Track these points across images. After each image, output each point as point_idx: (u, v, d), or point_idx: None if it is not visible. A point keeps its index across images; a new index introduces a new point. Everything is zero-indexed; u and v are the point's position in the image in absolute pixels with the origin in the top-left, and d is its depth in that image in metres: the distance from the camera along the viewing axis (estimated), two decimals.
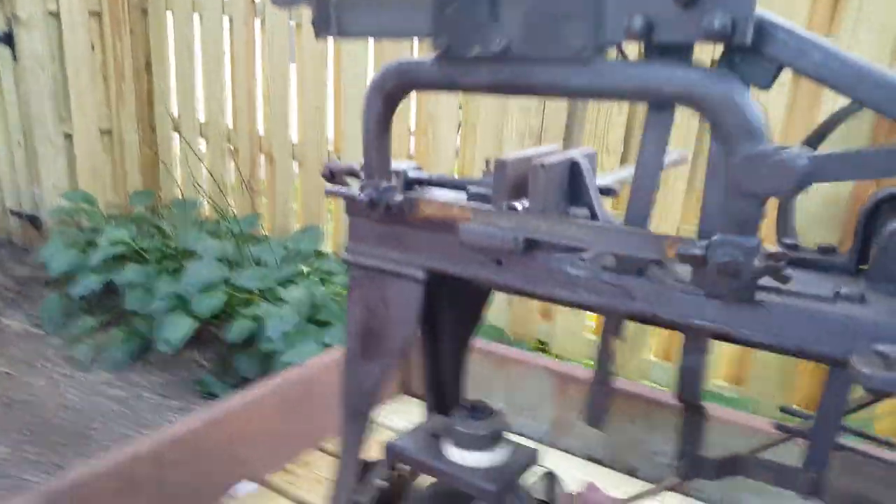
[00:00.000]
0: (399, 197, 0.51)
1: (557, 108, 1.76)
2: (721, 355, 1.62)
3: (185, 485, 0.93)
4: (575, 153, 0.47)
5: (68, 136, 2.59)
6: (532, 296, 0.48)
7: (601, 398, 0.46)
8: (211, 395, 1.84)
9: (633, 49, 0.40)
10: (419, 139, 2.11)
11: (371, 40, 2.09)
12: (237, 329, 1.77)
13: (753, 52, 0.36)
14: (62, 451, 1.60)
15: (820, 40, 0.35)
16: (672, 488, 0.99)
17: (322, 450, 1.12)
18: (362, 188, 0.52)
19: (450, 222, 0.49)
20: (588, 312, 1.75)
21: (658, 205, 1.56)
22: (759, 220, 0.36)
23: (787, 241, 0.46)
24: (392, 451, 0.60)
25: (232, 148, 2.56)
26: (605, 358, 0.46)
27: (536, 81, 0.41)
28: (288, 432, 1.07)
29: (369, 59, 2.13)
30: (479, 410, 0.58)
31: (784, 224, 0.48)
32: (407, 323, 0.54)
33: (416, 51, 1.93)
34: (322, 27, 0.47)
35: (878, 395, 0.41)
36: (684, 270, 0.42)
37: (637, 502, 0.64)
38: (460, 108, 2.03)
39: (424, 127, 2.07)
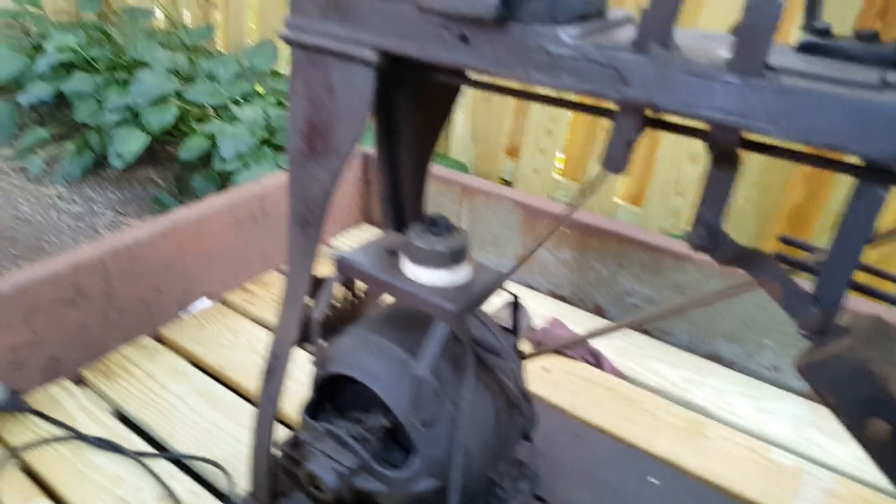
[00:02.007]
0: None
1: None
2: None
3: (136, 299, 0.88)
4: None
5: None
6: (505, 83, 0.39)
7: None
8: None
9: None
10: None
11: None
12: (190, 147, 1.67)
13: None
14: (16, 261, 1.54)
15: None
16: (635, 327, 0.97)
17: (282, 272, 1.08)
18: None
19: None
20: (557, 153, 1.68)
21: None
22: None
23: (818, 25, 0.38)
24: (343, 266, 0.55)
25: None
26: None
27: None
28: (244, 251, 1.02)
29: None
30: (439, 225, 0.52)
31: (813, 5, 0.39)
32: (356, 116, 0.46)
33: None
34: None
35: None
36: (695, 56, 0.34)
37: (598, 337, 0.60)
38: None
39: None
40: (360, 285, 0.63)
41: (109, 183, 1.91)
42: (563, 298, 1.04)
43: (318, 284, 0.57)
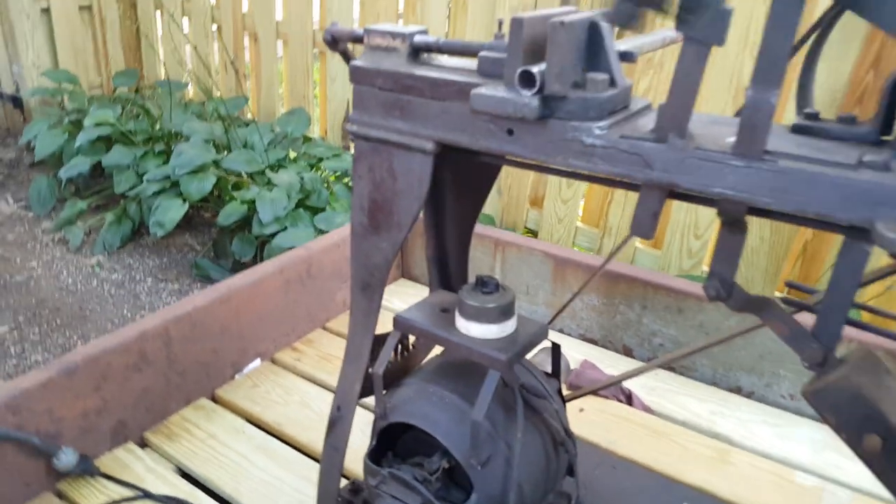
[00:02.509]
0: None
1: None
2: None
3: (195, 362, 0.95)
4: (594, 13, 0.44)
5: (45, 11, 2.46)
6: (545, 168, 0.47)
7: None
8: (207, 279, 1.86)
9: None
10: (408, 18, 2.02)
11: None
12: (229, 212, 1.77)
13: None
14: (63, 331, 1.63)
15: None
16: (664, 366, 1.03)
17: (327, 329, 1.15)
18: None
19: (460, 89, 0.47)
20: (579, 204, 1.76)
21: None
22: None
23: (808, 111, 0.45)
24: (401, 324, 0.61)
25: (216, 26, 2.45)
26: None
27: None
28: (293, 312, 1.09)
29: None
30: (488, 285, 0.59)
31: (804, 95, 0.46)
32: (415, 196, 0.54)
33: None
34: None
35: None
36: (706, 142, 0.41)
37: (630, 378, 0.66)
38: None
39: (413, 4, 1.98)
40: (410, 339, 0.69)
41: (148, 250, 2.01)
42: (593, 341, 1.10)
43: (377, 341, 0.64)
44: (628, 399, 0.95)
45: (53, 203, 2.17)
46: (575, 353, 1.06)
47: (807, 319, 0.43)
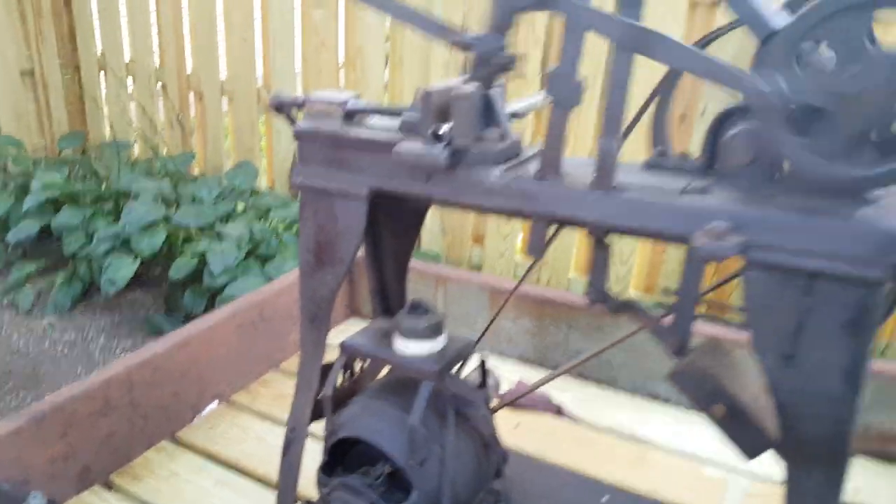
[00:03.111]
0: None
1: None
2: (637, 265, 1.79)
3: (157, 406, 1.01)
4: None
5: None
6: (457, 205, 0.58)
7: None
8: (160, 334, 1.90)
9: None
10: (348, 72, 2.15)
11: None
12: (180, 266, 1.83)
13: None
14: (16, 392, 1.65)
15: None
16: (569, 372, 1.14)
17: (281, 369, 1.22)
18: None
19: (387, 145, 0.58)
20: (517, 238, 1.89)
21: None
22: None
23: (659, 149, 0.57)
24: (347, 348, 0.71)
25: (161, 85, 2.53)
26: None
27: None
28: (248, 354, 1.16)
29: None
30: (419, 308, 0.69)
31: (657, 134, 0.59)
32: (354, 234, 0.64)
33: None
34: None
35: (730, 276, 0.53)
36: (574, 180, 0.53)
37: (538, 387, 0.77)
38: (387, 40, 2.07)
39: (353, 60, 2.11)
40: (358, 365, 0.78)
41: (99, 309, 2.04)
42: (529, 361, 1.21)
43: (325, 370, 0.73)
44: (558, 411, 1.06)
45: (1, 267, 2.19)
46: (513, 373, 1.16)
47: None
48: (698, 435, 1.01)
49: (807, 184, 0.46)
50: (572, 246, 1.83)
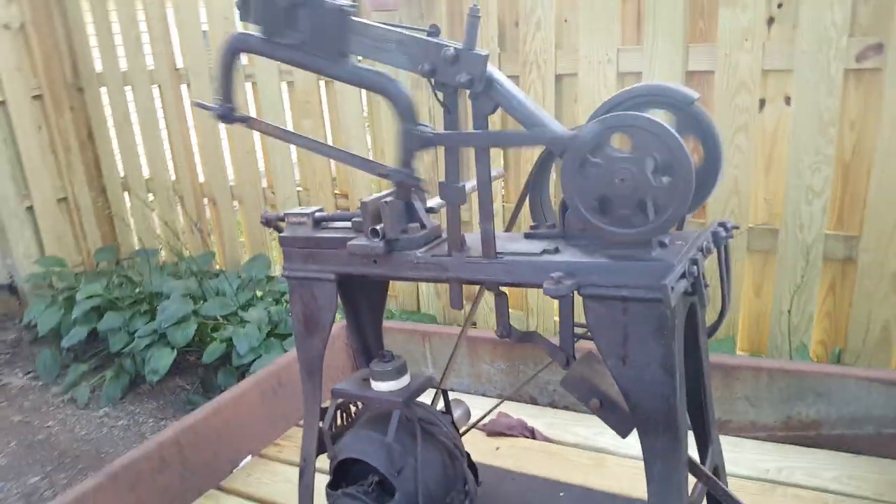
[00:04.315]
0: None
1: None
2: None
3: (202, 462, 1.24)
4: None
5: (29, 209, 2.84)
6: (397, 278, 0.82)
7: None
8: None
9: None
10: (338, 166, 2.45)
11: (286, 91, 2.42)
12: (211, 351, 2.08)
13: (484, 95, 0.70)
14: (85, 473, 1.89)
15: (519, 93, 0.70)
16: (512, 398, 1.35)
17: (300, 425, 1.44)
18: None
19: (344, 240, 0.82)
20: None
21: None
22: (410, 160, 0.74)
23: (534, 223, 0.81)
24: (336, 392, 0.93)
25: (178, 197, 2.85)
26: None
27: (316, 66, 0.76)
28: (271, 415, 1.39)
29: (285, 107, 2.47)
30: (386, 356, 0.92)
31: (534, 211, 0.82)
32: (330, 308, 0.88)
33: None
34: None
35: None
36: (472, 252, 0.76)
37: (492, 411, 0.98)
38: (368, 130, 2.37)
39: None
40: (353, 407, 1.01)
41: (146, 396, 2.30)
42: (506, 397, 1.42)
43: (324, 411, 0.96)
44: (532, 434, 1.26)
45: (58, 370, 2.47)
46: (495, 409, 1.37)
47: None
48: None
49: (612, 241, 0.69)
50: None
